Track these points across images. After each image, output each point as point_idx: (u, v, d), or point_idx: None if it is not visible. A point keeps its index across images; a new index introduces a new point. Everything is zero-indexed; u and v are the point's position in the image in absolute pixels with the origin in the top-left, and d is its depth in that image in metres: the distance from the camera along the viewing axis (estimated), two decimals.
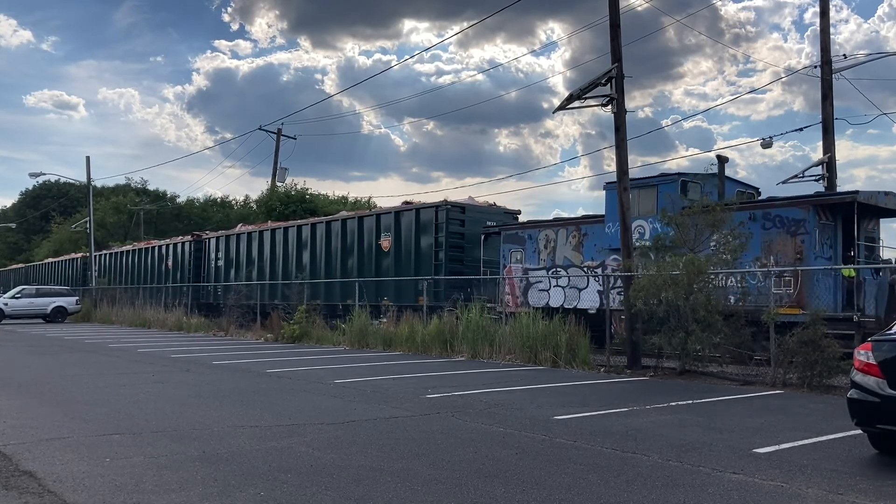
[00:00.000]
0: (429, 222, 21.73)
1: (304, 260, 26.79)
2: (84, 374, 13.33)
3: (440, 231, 21.39)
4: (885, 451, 6.74)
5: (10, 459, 6.41)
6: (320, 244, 26.08)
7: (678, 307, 12.90)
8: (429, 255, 21.58)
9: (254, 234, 30.36)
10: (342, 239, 25.04)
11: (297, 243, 27.33)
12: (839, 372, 11.10)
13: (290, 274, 27.27)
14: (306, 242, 26.83)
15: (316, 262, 26.24)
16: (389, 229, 22.99)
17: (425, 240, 21.84)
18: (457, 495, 5.39)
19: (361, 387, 11.44)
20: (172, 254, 35.83)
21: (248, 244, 30.37)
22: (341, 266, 24.98)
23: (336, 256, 25.33)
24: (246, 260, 30.18)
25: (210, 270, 32.89)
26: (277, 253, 28.47)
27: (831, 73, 19.96)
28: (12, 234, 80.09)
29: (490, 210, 22.88)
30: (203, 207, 71.11)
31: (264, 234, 29.53)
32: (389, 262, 22.88)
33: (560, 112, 16.20)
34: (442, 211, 21.52)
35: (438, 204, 21.84)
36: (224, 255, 31.95)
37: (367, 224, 24.14)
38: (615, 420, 8.53)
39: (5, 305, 35.00)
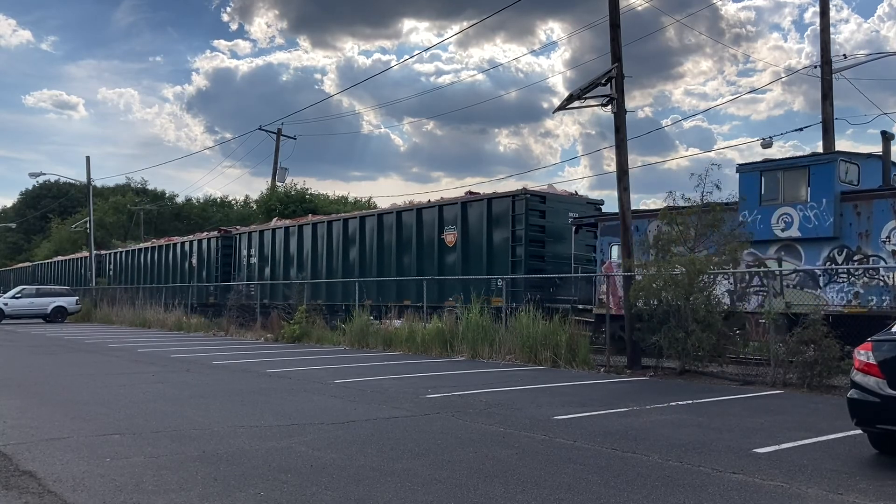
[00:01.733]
0: (503, 214, 19.53)
1: (352, 256, 24.72)
2: (84, 374, 13.33)
3: (518, 223, 19.18)
4: (885, 451, 6.74)
5: (10, 459, 6.41)
6: (370, 239, 23.97)
7: (678, 307, 12.89)
8: (504, 251, 19.46)
9: (291, 229, 28.07)
10: (397, 233, 22.83)
11: (343, 238, 25.12)
12: (839, 372, 11.09)
13: (334, 271, 25.29)
14: (353, 237, 24.71)
15: (365, 258, 24.16)
16: (455, 222, 20.82)
17: (499, 234, 19.68)
18: (457, 495, 5.39)
19: (361, 387, 11.44)
20: (197, 251, 33.77)
21: (284, 239, 28.17)
22: (396, 263, 22.75)
23: (389, 253, 23.12)
24: (283, 257, 28.08)
25: (242, 268, 30.74)
26: (320, 249, 26.27)
27: (831, 73, 19.97)
28: (12, 234, 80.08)
29: (571, 200, 20.62)
30: (203, 207, 71.14)
31: (304, 229, 27.25)
32: (455, 259, 20.79)
33: (560, 112, 16.22)
34: (520, 201, 19.28)
35: (515, 193, 19.62)
36: (258, 251, 29.80)
37: (428, 217, 21.86)
38: (615, 420, 8.53)
39: (5, 305, 35.00)
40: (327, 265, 25.71)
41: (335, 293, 24.55)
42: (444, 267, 21.01)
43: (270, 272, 28.49)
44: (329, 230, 25.94)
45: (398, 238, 22.73)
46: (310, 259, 26.54)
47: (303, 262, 26.95)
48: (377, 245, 23.51)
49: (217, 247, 32.12)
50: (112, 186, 72.97)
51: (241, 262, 30.72)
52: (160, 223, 65.16)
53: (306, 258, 26.78)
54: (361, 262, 24.14)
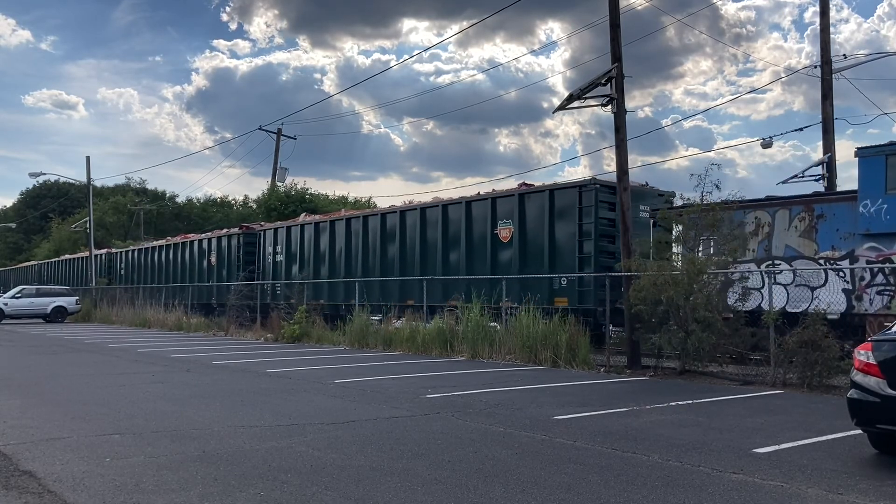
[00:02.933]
0: (569, 206, 17.86)
1: (391, 253, 23.03)
2: (84, 374, 13.33)
3: (586, 216, 17.49)
4: (885, 451, 6.74)
5: (10, 459, 6.41)
6: (412, 235, 22.20)
7: (678, 307, 12.89)
8: (570, 247, 17.85)
9: (322, 225, 26.39)
10: (442, 228, 21.13)
11: (382, 234, 23.36)
12: (839, 372, 11.09)
13: (371, 269, 23.57)
14: (392, 233, 22.96)
15: (406, 255, 22.38)
16: (511, 216, 19.15)
17: (564, 228, 17.97)
18: (457, 495, 5.39)
19: (361, 387, 11.44)
20: (216, 248, 31.89)
21: (314, 236, 26.41)
22: (442, 260, 20.99)
23: (435, 249, 21.35)
24: (313, 254, 26.37)
25: (266, 266, 29.00)
26: (355, 246, 24.53)
27: (831, 73, 19.97)
28: (12, 234, 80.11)
29: (642, 191, 18.79)
30: (203, 207, 71.22)
31: (336, 225, 25.54)
32: (511, 256, 19.08)
33: (560, 112, 16.20)
34: (588, 192, 17.63)
35: (583, 183, 18.04)
36: (284, 248, 28.02)
37: (479, 210, 20.22)
38: (615, 420, 8.53)
39: (5, 305, 35.01)
40: (363, 263, 24.04)
41: (372, 293, 22.53)
42: (498, 264, 19.44)
43: (299, 271, 26.84)
44: (364, 226, 24.22)
45: (444, 234, 21.11)
46: (343, 256, 24.90)
47: (335, 260, 25.37)
48: (420, 241, 21.83)
49: (238, 244, 30.36)
50: (112, 186, 73.16)
51: (266, 260, 29.10)
52: (160, 223, 65.22)
53: (339, 256, 25.17)
54: (402, 259, 22.48)
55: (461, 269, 20.23)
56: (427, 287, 19.43)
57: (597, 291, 16.53)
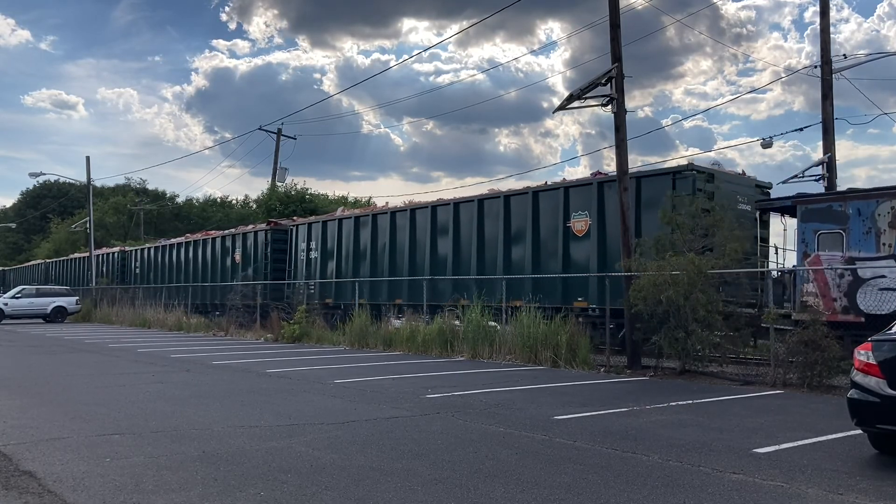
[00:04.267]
0: (658, 196, 15.86)
1: (443, 250, 21.26)
2: (84, 374, 13.33)
3: (680, 206, 15.30)
4: (885, 451, 6.74)
5: (10, 459, 6.41)
6: (467, 230, 20.57)
7: (678, 307, 12.89)
8: None
9: (363, 220, 24.57)
10: (504, 221, 19.47)
11: (432, 229, 21.64)
12: (839, 372, 11.09)
13: (418, 267, 21.86)
14: (445, 227, 21.25)
15: (461, 251, 20.68)
16: (588, 207, 17.43)
17: (652, 219, 15.86)
18: (457, 495, 5.39)
19: (361, 387, 11.44)
20: (241, 245, 30.12)
21: (354, 231, 24.63)
22: (503, 256, 19.37)
23: (496, 244, 19.66)
24: (353, 251, 24.62)
25: (299, 264, 27.28)
26: (401, 241, 22.74)
27: (831, 73, 19.95)
28: (12, 234, 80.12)
29: (739, 181, 17.33)
30: (203, 207, 71.25)
31: (379, 219, 23.76)
32: (588, 251, 17.33)
33: (560, 112, 16.20)
34: (684, 179, 15.97)
35: (677, 169, 16.39)
36: (319, 245, 26.25)
37: (548, 201, 18.50)
38: (615, 420, 8.53)
39: (5, 305, 35.01)
40: (409, 260, 22.27)
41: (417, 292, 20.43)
42: (571, 260, 17.67)
43: (336, 269, 25.22)
44: (411, 220, 22.45)
45: (506, 227, 19.41)
46: (387, 253, 23.16)
47: (377, 257, 23.69)
48: (477, 236, 20.14)
49: (266, 241, 28.56)
50: (112, 186, 73.18)
51: (299, 258, 27.32)
52: (160, 223, 65.24)
53: (382, 252, 23.44)
54: (456, 255, 20.77)
55: (526, 266, 18.64)
56: (486, 286, 18.14)
57: None
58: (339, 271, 25.06)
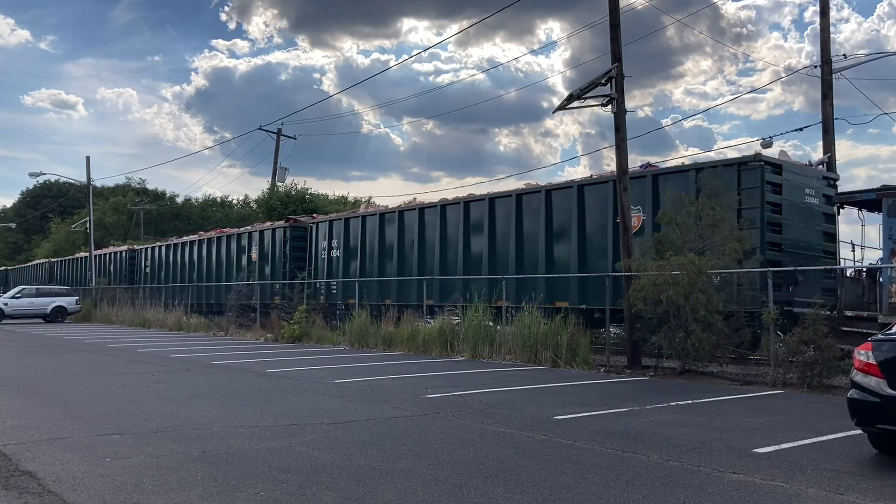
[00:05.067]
0: (723, 188, 14.49)
1: (477, 248, 20.19)
2: (84, 374, 13.33)
3: (748, 200, 14.66)
4: (885, 451, 6.74)
5: (10, 459, 6.41)
6: (504, 227, 19.48)
7: (678, 307, 12.88)
8: None
9: (389, 217, 23.37)
10: (546, 217, 18.34)
11: (465, 225, 20.53)
12: (839, 372, 11.09)
13: (450, 266, 20.65)
14: (479, 225, 20.19)
15: (497, 250, 19.62)
16: (642, 201, 16.22)
17: None
18: (457, 495, 5.39)
19: (361, 387, 11.44)
20: (258, 243, 29.07)
21: (379, 228, 23.45)
22: (545, 254, 18.22)
23: (536, 241, 18.53)
24: (378, 249, 23.39)
25: (320, 263, 26.15)
26: (430, 239, 21.68)
27: (831, 73, 19.96)
28: (12, 234, 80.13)
29: (807, 172, 16.20)
30: (202, 207, 71.29)
31: (406, 216, 22.62)
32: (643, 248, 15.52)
33: (560, 112, 16.19)
34: (750, 171, 14.81)
35: (743, 160, 15.16)
36: (341, 243, 25.12)
37: (595, 196, 17.40)
38: (615, 420, 8.53)
39: (5, 305, 35.02)
40: (441, 259, 21.09)
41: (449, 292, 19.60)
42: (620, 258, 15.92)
43: (360, 267, 24.12)
44: (441, 217, 21.29)
45: (548, 224, 18.32)
46: (416, 251, 22.00)
47: (405, 255, 22.48)
48: (515, 233, 19.06)
49: (285, 238, 27.49)
50: (112, 186, 73.21)
51: (320, 256, 26.30)
52: (160, 223, 65.28)
53: (410, 250, 22.32)
54: (492, 254, 19.69)
55: (571, 265, 17.52)
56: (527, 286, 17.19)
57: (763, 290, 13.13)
58: (364, 270, 23.91)
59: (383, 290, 22.11)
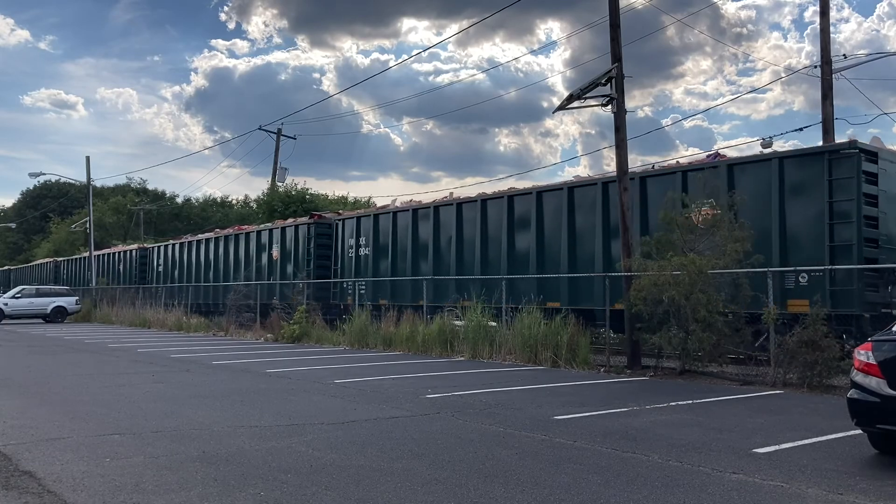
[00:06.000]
0: (812, 179, 13.66)
1: (523, 245, 18.93)
2: (84, 374, 13.33)
3: (841, 192, 13.49)
4: (885, 451, 6.74)
5: (10, 459, 6.41)
6: (554, 222, 18.17)
7: (679, 307, 12.88)
8: (814, 233, 13.74)
9: (423, 213, 21.94)
10: (603, 211, 17.01)
11: (508, 221, 19.27)
12: (839, 372, 11.09)
13: (493, 263, 19.52)
14: (525, 220, 18.88)
15: (546, 247, 18.31)
16: (714, 193, 14.66)
17: (802, 208, 13.83)
18: (457, 495, 5.39)
19: (361, 387, 11.44)
20: (280, 241, 27.85)
21: (412, 226, 22.15)
22: (603, 251, 16.93)
23: (592, 238, 17.15)
24: (410, 247, 22.16)
25: (347, 262, 24.92)
26: (469, 236, 20.32)
27: (831, 73, 19.96)
28: (12, 234, 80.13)
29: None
30: (203, 207, 71.31)
31: (442, 212, 21.26)
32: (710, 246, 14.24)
33: (560, 112, 16.19)
34: (843, 161, 13.57)
35: (835, 148, 14.03)
36: (370, 240, 23.79)
37: (658, 188, 15.90)
38: (615, 420, 8.53)
39: (5, 305, 35.02)
40: (482, 256, 19.84)
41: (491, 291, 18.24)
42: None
43: (391, 266, 22.80)
44: (482, 212, 20.06)
45: (605, 219, 16.94)
46: (454, 248, 20.69)
47: (440, 253, 21.20)
48: (568, 229, 17.71)
49: (309, 235, 26.26)
50: (112, 186, 73.22)
51: (346, 254, 24.96)
52: (160, 223, 65.30)
53: (447, 248, 21.02)
54: (540, 252, 18.41)
55: None
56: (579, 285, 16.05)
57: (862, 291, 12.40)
58: (395, 269, 22.64)
59: (416, 291, 20.68)
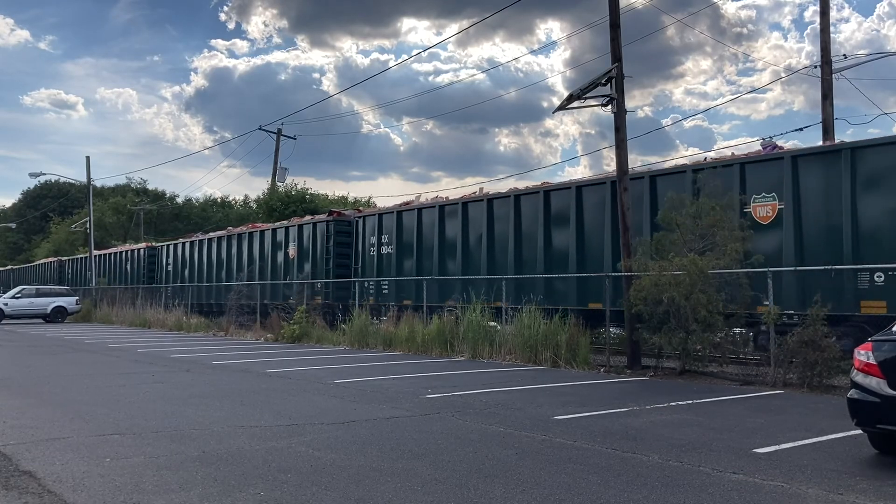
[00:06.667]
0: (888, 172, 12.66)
1: (561, 243, 17.68)
2: (84, 374, 13.33)
3: None
4: (885, 451, 6.74)
5: (10, 459, 6.42)
6: (595, 216, 17.06)
7: (679, 307, 12.88)
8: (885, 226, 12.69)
9: (450, 209, 20.76)
10: (651, 206, 15.84)
11: (545, 218, 18.03)
12: (839, 372, 11.08)
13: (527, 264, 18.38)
14: (564, 216, 17.60)
15: (586, 244, 17.14)
16: (776, 187, 13.79)
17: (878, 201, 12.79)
18: (457, 495, 5.39)
19: (361, 387, 11.44)
20: (297, 239, 26.65)
21: (438, 223, 20.97)
22: None
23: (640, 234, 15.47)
24: (437, 245, 20.88)
25: (368, 260, 23.70)
26: (500, 233, 19.24)
27: (831, 73, 19.97)
28: (12, 234, 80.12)
29: None
30: (203, 207, 71.33)
31: (471, 208, 20.12)
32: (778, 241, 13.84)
33: (560, 112, 16.18)
34: None
35: None
36: (394, 238, 22.58)
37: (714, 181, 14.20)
38: (615, 420, 8.53)
39: (5, 305, 35.02)
40: (515, 254, 18.68)
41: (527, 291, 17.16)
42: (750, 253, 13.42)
43: (416, 265, 21.63)
44: (516, 208, 18.85)
45: (653, 214, 15.56)
46: (485, 246, 19.51)
47: (469, 252, 20.06)
48: (612, 225, 16.41)
49: (327, 233, 25.09)
50: (112, 186, 73.23)
51: (368, 253, 23.81)
52: (160, 223, 65.31)
53: (477, 246, 19.84)
54: (580, 249, 17.21)
55: None
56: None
57: None
58: (421, 269, 21.44)
59: (445, 291, 19.61)
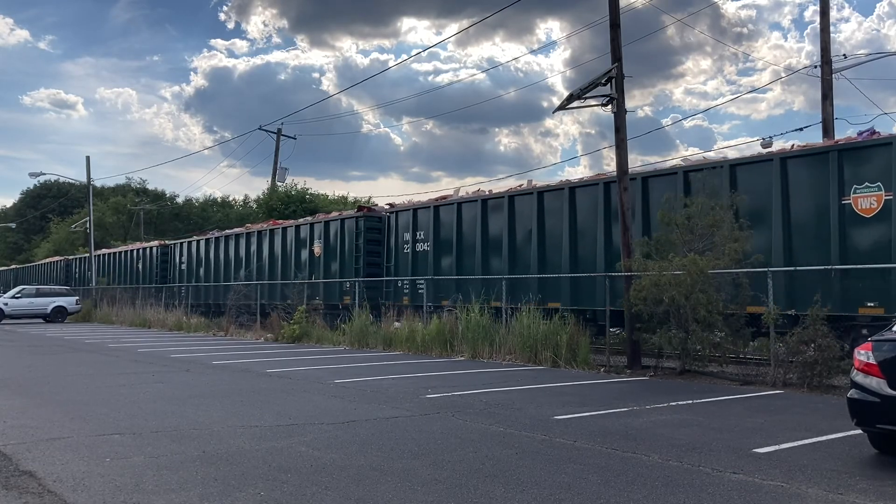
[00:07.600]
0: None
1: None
2: (84, 374, 13.33)
3: None
4: (885, 451, 6.74)
5: (10, 459, 6.42)
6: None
7: (679, 307, 12.87)
8: None
9: (494, 203, 19.58)
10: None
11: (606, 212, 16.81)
12: (839, 372, 11.08)
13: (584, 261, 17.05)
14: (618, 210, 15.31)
15: None
16: (882, 177, 12.64)
17: None
18: (457, 495, 5.39)
19: (361, 387, 11.44)
20: (323, 235, 25.37)
21: (481, 218, 19.72)
22: None
23: None
24: (480, 242, 19.69)
25: (401, 258, 22.46)
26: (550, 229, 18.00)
27: (831, 73, 19.99)
28: (12, 234, 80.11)
29: None
30: (203, 207, 71.34)
31: (518, 202, 18.92)
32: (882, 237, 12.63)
33: (560, 112, 16.18)
34: None
35: None
36: (430, 235, 21.29)
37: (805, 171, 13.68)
38: (615, 420, 8.53)
39: (5, 305, 35.02)
40: (570, 253, 17.41)
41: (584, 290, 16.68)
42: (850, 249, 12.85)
43: (456, 263, 20.39)
44: (571, 201, 17.54)
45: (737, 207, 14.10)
46: (535, 244, 18.25)
47: (515, 250, 18.89)
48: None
49: (357, 230, 23.83)
50: (112, 186, 73.24)
51: (401, 250, 22.56)
52: (160, 223, 65.31)
53: (525, 244, 18.66)
54: None
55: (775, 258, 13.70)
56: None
57: None
58: (462, 267, 20.25)
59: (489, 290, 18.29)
